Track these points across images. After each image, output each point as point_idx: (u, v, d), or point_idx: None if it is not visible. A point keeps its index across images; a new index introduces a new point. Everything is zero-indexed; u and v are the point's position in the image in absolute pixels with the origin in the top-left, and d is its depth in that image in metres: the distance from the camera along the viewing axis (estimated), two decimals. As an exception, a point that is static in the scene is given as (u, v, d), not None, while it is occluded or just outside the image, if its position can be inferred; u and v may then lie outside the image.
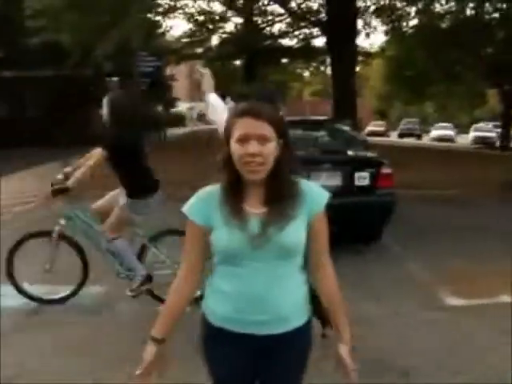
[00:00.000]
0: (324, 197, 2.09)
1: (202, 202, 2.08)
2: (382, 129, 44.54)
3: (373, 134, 37.00)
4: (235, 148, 1.96)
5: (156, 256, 5.19)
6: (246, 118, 1.95)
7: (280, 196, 2.01)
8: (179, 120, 56.79)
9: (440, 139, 39.00)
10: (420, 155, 20.72)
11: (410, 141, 37.94)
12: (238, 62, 34.90)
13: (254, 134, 1.93)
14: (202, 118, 74.14)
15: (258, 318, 2.04)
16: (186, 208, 2.10)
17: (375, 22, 25.36)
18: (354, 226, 7.06)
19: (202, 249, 2.09)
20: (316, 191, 2.10)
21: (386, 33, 25.79)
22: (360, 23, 22.83)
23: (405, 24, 24.31)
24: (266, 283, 2.02)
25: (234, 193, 2.02)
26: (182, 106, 62.79)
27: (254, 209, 2.02)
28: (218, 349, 2.14)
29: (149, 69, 13.01)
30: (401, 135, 43.70)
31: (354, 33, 18.71)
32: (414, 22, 24.06)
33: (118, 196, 4.98)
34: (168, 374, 2.19)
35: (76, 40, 16.38)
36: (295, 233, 2.01)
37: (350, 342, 2.17)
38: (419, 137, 43.31)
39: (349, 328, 2.18)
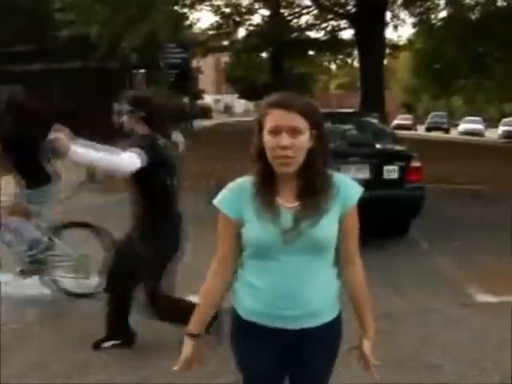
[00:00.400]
0: (357, 191, 2.06)
1: (234, 195, 2.06)
2: (409, 122, 43.95)
3: (400, 127, 36.51)
4: (267, 140, 1.94)
5: (60, 248, 5.21)
6: (277, 110, 1.92)
7: (313, 189, 1.98)
8: (205, 112, 56.96)
9: (468, 133, 38.45)
10: (448, 149, 20.46)
11: (437, 135, 37.47)
12: (264, 54, 34.75)
13: (286, 126, 1.90)
14: (228, 110, 74.41)
15: (288, 312, 2.03)
16: (217, 200, 2.08)
17: (403, 14, 25.08)
18: (382, 220, 7.00)
19: (234, 241, 2.08)
20: (350, 185, 2.07)
21: (414, 25, 25.51)
22: (388, 15, 22.64)
23: (433, 16, 24.05)
24: (297, 278, 2.01)
25: (267, 185, 2.00)
26: (208, 98, 62.97)
27: (287, 202, 2.00)
28: (248, 342, 2.14)
29: (176, 60, 13.00)
30: (428, 129, 43.10)
31: (383, 25, 18.51)
32: (442, 13, 23.78)
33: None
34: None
35: (105, 33, 16.52)
36: (328, 227, 1.99)
37: (373, 338, 2.19)
38: (447, 131, 42.71)
39: (373, 324, 2.18)
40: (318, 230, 1.96)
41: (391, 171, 6.85)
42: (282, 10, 27.95)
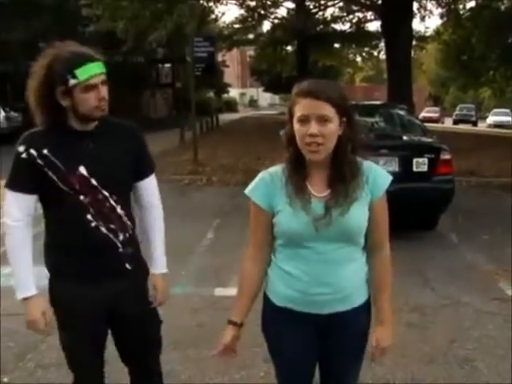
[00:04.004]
0: (386, 179, 2.09)
1: (265, 184, 2.09)
2: (436, 115, 43.51)
3: (426, 120, 36.08)
4: (296, 128, 1.97)
5: None
6: (305, 99, 1.95)
7: (343, 177, 2.01)
8: (231, 106, 57.16)
9: (497, 125, 37.86)
10: (476, 142, 20.20)
11: (465, 127, 36.97)
12: (289, 48, 34.63)
13: (314, 114, 1.93)
14: (253, 103, 74.50)
15: (321, 298, 2.07)
16: (248, 190, 2.12)
17: (431, 4, 24.77)
18: (411, 213, 6.94)
19: (268, 229, 2.11)
20: (379, 173, 2.10)
21: (442, 16, 25.17)
22: (415, 6, 22.35)
23: (461, 6, 23.69)
24: (329, 264, 2.05)
25: (298, 173, 2.04)
26: (233, 92, 63.16)
27: (318, 190, 2.03)
28: (281, 328, 2.17)
29: (203, 54, 13.05)
30: (456, 121, 42.57)
31: (410, 16, 18.27)
32: (471, 3, 23.42)
33: None
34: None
35: (131, 28, 16.64)
36: (358, 215, 2.03)
37: (390, 327, 2.19)
38: (475, 123, 42.11)
39: (391, 313, 2.20)
40: (349, 219, 2.00)
41: (421, 164, 6.76)
42: (307, 3, 27.83)
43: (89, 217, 2.28)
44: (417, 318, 4.57)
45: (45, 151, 2.24)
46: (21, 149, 2.25)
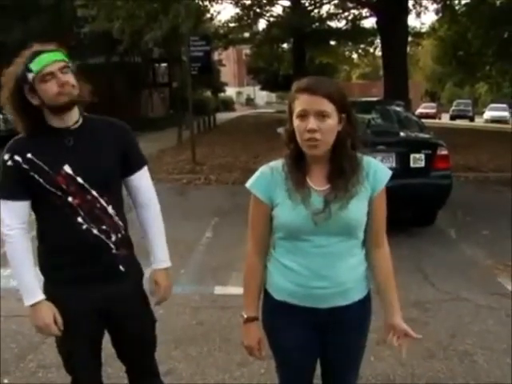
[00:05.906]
0: (386, 174, 2.11)
1: (266, 177, 2.11)
2: (432, 111, 43.52)
3: (423, 116, 36.10)
4: (296, 124, 1.99)
5: None
6: (304, 94, 1.97)
7: (342, 172, 2.02)
8: (228, 104, 57.08)
9: (494, 121, 37.87)
10: (474, 137, 20.23)
11: (462, 123, 37.00)
12: (285, 45, 34.60)
13: (312, 109, 1.95)
14: (249, 102, 74.45)
15: (320, 292, 2.08)
16: (249, 183, 2.14)
17: (426, 0, 24.74)
18: (409, 209, 6.95)
19: (268, 222, 2.13)
20: (379, 168, 2.11)
21: (437, 11, 25.14)
22: (410, 2, 22.32)
23: (457, 2, 23.66)
24: (328, 258, 2.06)
25: (298, 168, 2.05)
26: (230, 91, 63.12)
27: (317, 185, 2.05)
28: (281, 322, 2.18)
29: (199, 53, 13.06)
30: (452, 117, 42.61)
31: (405, 12, 18.27)
32: (466, -1, 23.36)
33: None
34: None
35: (127, 28, 16.62)
36: (357, 210, 2.04)
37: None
38: (472, 118, 42.16)
39: (399, 310, 2.19)
40: (348, 213, 2.01)
41: (418, 159, 6.76)
42: (302, 1, 27.78)
43: (79, 219, 2.26)
44: (417, 313, 4.58)
45: (28, 155, 2.24)
46: (6, 157, 2.25)
